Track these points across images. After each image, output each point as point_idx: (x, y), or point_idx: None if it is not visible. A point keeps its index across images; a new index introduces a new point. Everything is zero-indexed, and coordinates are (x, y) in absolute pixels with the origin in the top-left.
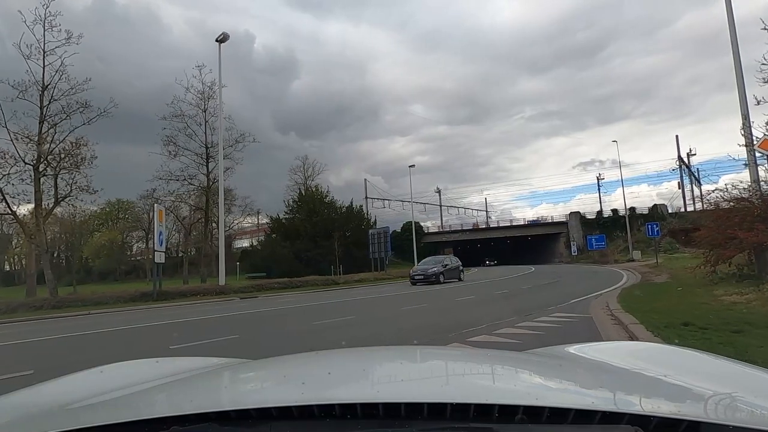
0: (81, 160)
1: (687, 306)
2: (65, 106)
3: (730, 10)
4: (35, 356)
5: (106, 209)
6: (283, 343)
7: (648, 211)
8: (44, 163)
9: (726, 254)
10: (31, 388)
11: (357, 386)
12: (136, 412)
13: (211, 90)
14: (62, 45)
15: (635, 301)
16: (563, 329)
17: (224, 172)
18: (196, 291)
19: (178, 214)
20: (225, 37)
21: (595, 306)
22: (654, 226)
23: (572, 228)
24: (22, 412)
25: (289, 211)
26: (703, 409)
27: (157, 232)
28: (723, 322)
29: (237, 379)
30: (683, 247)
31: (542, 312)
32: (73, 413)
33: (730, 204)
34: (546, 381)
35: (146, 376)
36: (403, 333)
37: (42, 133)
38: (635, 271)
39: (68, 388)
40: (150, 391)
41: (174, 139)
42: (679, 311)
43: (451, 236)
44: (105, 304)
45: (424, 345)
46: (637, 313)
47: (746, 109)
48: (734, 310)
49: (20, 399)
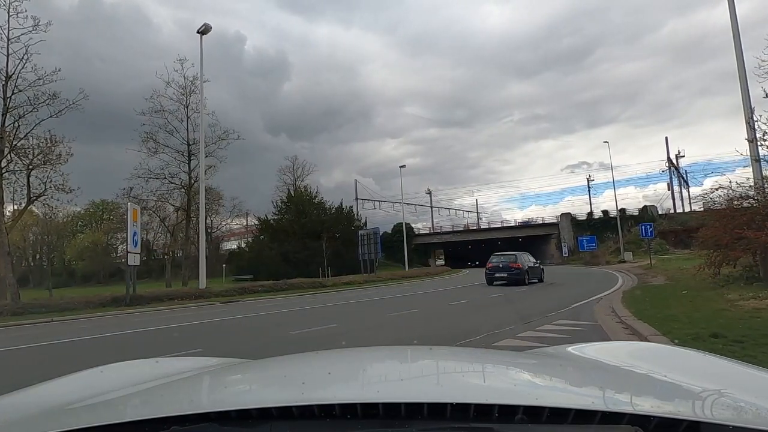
0: (56, 157)
1: (706, 313)
2: (32, 97)
3: (732, 6)
4: None
5: (90, 210)
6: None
7: (638, 213)
8: (7, 158)
9: (734, 255)
10: (31, 388)
11: (357, 386)
12: (136, 412)
13: (193, 85)
14: (28, 32)
15: (643, 305)
16: (572, 341)
17: (207, 170)
18: (174, 295)
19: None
20: (207, 28)
21: (600, 311)
22: (648, 227)
23: (563, 229)
24: (22, 412)
25: (277, 212)
26: (703, 409)
27: (130, 232)
28: (759, 334)
29: (237, 379)
30: (673, 248)
31: (544, 319)
32: (73, 413)
33: (736, 203)
34: (546, 381)
35: (146, 376)
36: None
37: (5, 126)
38: (630, 273)
39: (68, 388)
40: (150, 391)
41: (154, 136)
42: (700, 319)
43: (442, 237)
44: (72, 310)
45: (423, 345)
46: (652, 321)
47: (749, 103)
48: (762, 318)
49: (20, 399)
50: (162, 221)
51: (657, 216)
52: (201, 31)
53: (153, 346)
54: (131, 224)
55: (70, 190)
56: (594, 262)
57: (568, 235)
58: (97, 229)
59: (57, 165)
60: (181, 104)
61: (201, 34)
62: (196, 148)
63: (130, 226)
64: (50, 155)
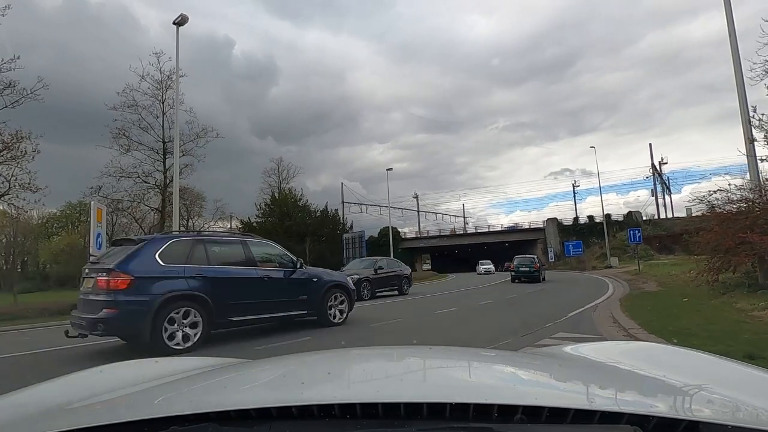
0: (21, 154)
1: (723, 326)
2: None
3: (728, 7)
4: None
5: (66, 211)
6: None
7: (623, 218)
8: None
9: (737, 260)
10: (31, 388)
11: (356, 386)
12: (136, 412)
13: (169, 80)
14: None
15: (648, 316)
16: None
17: (184, 169)
18: None
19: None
20: (183, 19)
21: (601, 322)
22: (636, 232)
23: (549, 234)
24: (22, 412)
25: (261, 214)
26: (702, 409)
27: (94, 233)
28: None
29: (236, 379)
30: (657, 253)
31: (541, 330)
32: (73, 413)
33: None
34: (545, 381)
35: (146, 376)
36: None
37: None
38: (618, 279)
39: (68, 388)
40: (149, 391)
41: (126, 132)
42: (720, 334)
43: (428, 242)
44: (24, 318)
45: (423, 345)
46: (664, 334)
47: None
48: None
49: (20, 399)
50: (137, 222)
51: (642, 222)
52: (177, 22)
53: (71, 365)
54: (95, 224)
55: (37, 188)
56: (580, 268)
57: (554, 240)
58: (73, 231)
59: (22, 162)
60: (156, 99)
61: (177, 25)
62: (173, 146)
63: (93, 226)
64: (15, 151)
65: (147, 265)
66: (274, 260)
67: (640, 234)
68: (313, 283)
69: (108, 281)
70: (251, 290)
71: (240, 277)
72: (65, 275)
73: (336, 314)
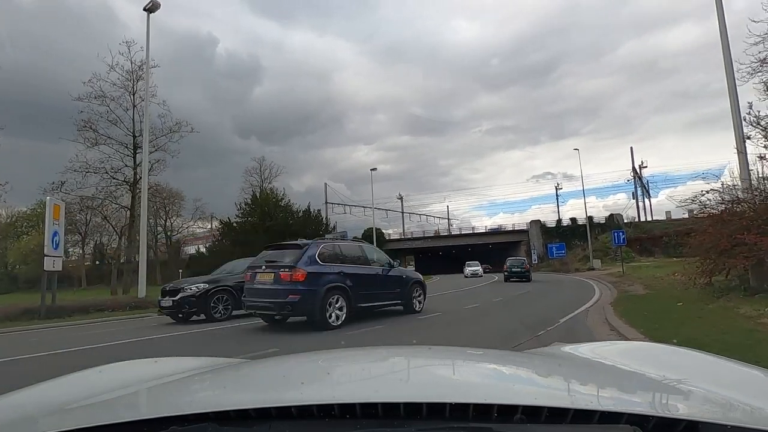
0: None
1: (736, 336)
2: None
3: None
4: None
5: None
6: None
7: (605, 221)
8: None
9: (732, 262)
10: (31, 388)
11: (356, 386)
12: (135, 412)
13: (141, 70)
14: None
15: (649, 322)
16: None
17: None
18: (104, 305)
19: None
20: (154, 5)
21: (598, 328)
22: (620, 234)
23: (533, 236)
24: (22, 412)
25: (241, 214)
26: (701, 409)
27: (50, 232)
28: None
29: (236, 379)
30: (638, 255)
31: (533, 340)
32: (73, 413)
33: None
34: (545, 381)
35: (145, 376)
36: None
37: None
38: (602, 281)
39: (68, 388)
40: (149, 391)
41: (93, 125)
42: (736, 345)
43: (412, 243)
44: None
45: (422, 345)
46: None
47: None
48: None
49: (20, 399)
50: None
51: (623, 224)
52: (147, 8)
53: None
54: (51, 222)
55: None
56: (564, 269)
57: (537, 242)
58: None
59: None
60: (126, 91)
61: (148, 12)
62: (144, 140)
63: (48, 224)
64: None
65: (313, 264)
66: (379, 260)
67: (625, 236)
68: (403, 279)
69: (291, 275)
70: (371, 283)
71: (364, 273)
72: (34, 276)
73: (416, 304)
